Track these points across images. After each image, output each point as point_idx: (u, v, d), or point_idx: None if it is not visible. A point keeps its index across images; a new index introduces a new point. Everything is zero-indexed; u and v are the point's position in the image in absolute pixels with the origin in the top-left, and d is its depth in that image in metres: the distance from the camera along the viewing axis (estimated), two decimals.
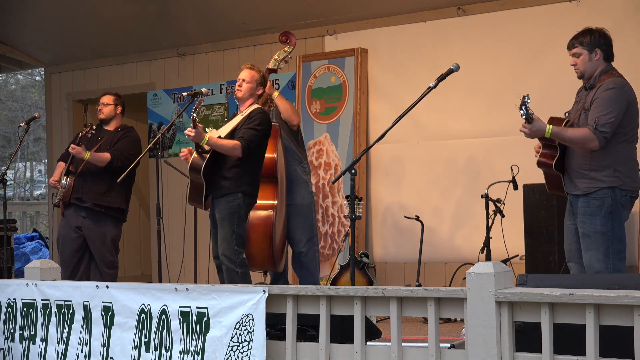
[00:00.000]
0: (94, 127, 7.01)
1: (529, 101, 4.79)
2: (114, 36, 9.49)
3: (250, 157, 5.86)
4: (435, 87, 5.18)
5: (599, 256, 4.98)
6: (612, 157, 5.01)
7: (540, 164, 5.21)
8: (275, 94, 6.63)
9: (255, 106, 6.03)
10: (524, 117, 4.83)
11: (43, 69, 10.81)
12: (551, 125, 4.96)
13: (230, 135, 5.90)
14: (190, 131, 5.69)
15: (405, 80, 7.88)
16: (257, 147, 5.91)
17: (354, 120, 8.09)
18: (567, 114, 5.30)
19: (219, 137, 5.86)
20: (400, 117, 5.12)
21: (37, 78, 21.96)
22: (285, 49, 6.81)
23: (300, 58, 8.44)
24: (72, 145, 6.79)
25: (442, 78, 5.20)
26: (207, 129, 5.87)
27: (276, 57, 6.77)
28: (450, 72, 5.23)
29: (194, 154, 5.85)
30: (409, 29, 7.99)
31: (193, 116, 5.68)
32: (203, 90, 6.48)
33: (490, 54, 7.55)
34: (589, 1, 7.14)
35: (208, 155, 5.80)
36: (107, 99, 7.08)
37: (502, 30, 7.50)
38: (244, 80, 6.05)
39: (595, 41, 5.13)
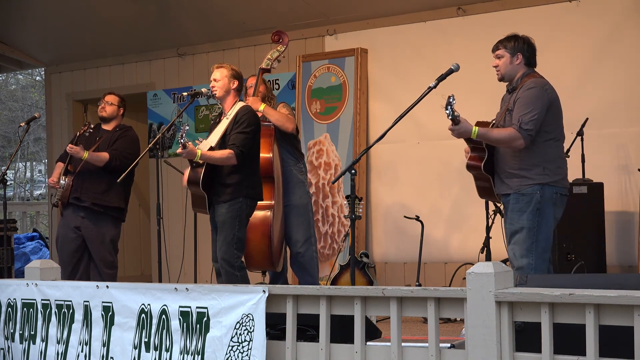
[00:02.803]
0: (92, 126, 7.00)
1: (454, 102, 4.88)
2: (114, 36, 9.49)
3: (247, 160, 5.86)
4: (435, 87, 5.19)
5: (522, 252, 5.07)
6: (541, 156, 5.13)
7: (469, 167, 5.34)
8: (262, 107, 6.41)
9: (240, 105, 5.99)
10: (449, 117, 4.92)
11: (43, 69, 10.81)
12: (477, 127, 5.08)
13: (221, 141, 5.88)
14: (181, 152, 5.70)
15: (405, 80, 7.88)
16: (251, 149, 5.91)
17: (354, 120, 8.09)
18: (493, 121, 5.40)
19: (211, 147, 5.84)
20: (400, 117, 5.12)
21: (37, 78, 21.96)
22: (278, 48, 6.79)
23: (300, 58, 8.44)
24: (70, 145, 6.77)
25: (442, 78, 5.21)
26: (197, 141, 5.85)
27: (269, 56, 6.74)
28: (450, 72, 5.24)
29: (189, 169, 5.84)
30: (409, 29, 7.99)
31: (181, 142, 5.64)
32: (203, 90, 6.46)
33: (490, 54, 7.52)
34: (589, 1, 7.14)
35: (203, 169, 5.78)
36: (112, 98, 7.06)
37: (502, 30, 7.43)
38: (215, 79, 6.05)
39: (518, 47, 5.29)
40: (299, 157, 6.71)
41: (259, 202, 6.08)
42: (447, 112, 4.88)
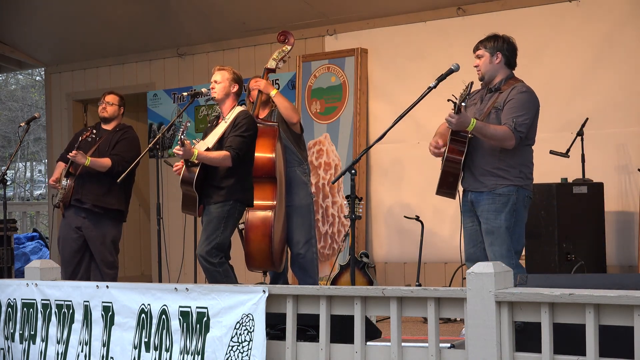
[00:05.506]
0: (95, 132, 7.00)
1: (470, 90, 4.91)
2: (114, 36, 9.49)
3: (241, 164, 5.88)
4: (435, 87, 5.19)
5: (502, 252, 5.09)
6: (519, 158, 5.18)
7: (448, 160, 5.22)
8: (273, 92, 6.50)
9: (239, 110, 6.02)
10: (463, 104, 4.92)
11: (43, 69, 10.81)
12: (475, 119, 5.04)
13: (218, 144, 5.90)
14: (178, 150, 5.72)
15: (405, 80, 7.88)
16: (246, 153, 5.92)
17: (354, 120, 8.09)
18: None
19: (207, 148, 5.86)
20: (400, 117, 5.12)
21: (37, 78, 21.96)
22: (284, 48, 6.79)
23: (300, 58, 8.44)
24: (73, 152, 6.75)
25: (442, 78, 5.21)
26: (194, 141, 5.88)
27: (274, 56, 6.74)
28: (450, 72, 5.24)
29: (184, 168, 5.87)
30: (409, 29, 7.99)
31: (181, 138, 5.67)
32: (203, 90, 6.47)
33: None
34: (589, 1, 7.13)
35: (198, 169, 5.81)
36: (113, 98, 7.07)
37: (502, 30, 7.42)
38: (215, 81, 6.06)
39: (497, 46, 5.33)
40: (303, 158, 6.71)
41: (261, 202, 6.10)
42: (464, 97, 4.90)
